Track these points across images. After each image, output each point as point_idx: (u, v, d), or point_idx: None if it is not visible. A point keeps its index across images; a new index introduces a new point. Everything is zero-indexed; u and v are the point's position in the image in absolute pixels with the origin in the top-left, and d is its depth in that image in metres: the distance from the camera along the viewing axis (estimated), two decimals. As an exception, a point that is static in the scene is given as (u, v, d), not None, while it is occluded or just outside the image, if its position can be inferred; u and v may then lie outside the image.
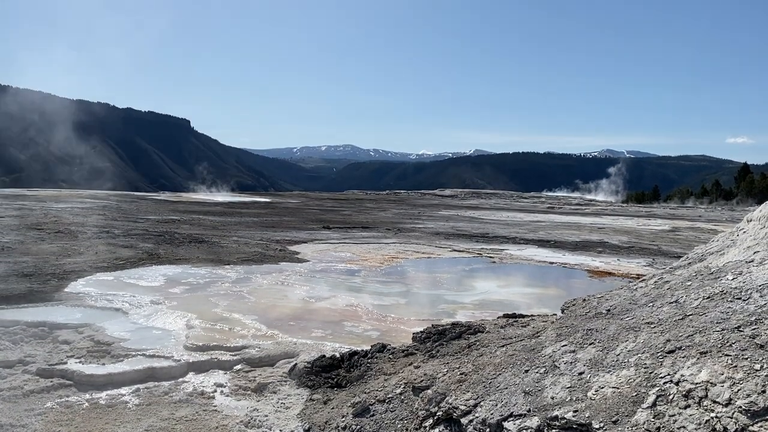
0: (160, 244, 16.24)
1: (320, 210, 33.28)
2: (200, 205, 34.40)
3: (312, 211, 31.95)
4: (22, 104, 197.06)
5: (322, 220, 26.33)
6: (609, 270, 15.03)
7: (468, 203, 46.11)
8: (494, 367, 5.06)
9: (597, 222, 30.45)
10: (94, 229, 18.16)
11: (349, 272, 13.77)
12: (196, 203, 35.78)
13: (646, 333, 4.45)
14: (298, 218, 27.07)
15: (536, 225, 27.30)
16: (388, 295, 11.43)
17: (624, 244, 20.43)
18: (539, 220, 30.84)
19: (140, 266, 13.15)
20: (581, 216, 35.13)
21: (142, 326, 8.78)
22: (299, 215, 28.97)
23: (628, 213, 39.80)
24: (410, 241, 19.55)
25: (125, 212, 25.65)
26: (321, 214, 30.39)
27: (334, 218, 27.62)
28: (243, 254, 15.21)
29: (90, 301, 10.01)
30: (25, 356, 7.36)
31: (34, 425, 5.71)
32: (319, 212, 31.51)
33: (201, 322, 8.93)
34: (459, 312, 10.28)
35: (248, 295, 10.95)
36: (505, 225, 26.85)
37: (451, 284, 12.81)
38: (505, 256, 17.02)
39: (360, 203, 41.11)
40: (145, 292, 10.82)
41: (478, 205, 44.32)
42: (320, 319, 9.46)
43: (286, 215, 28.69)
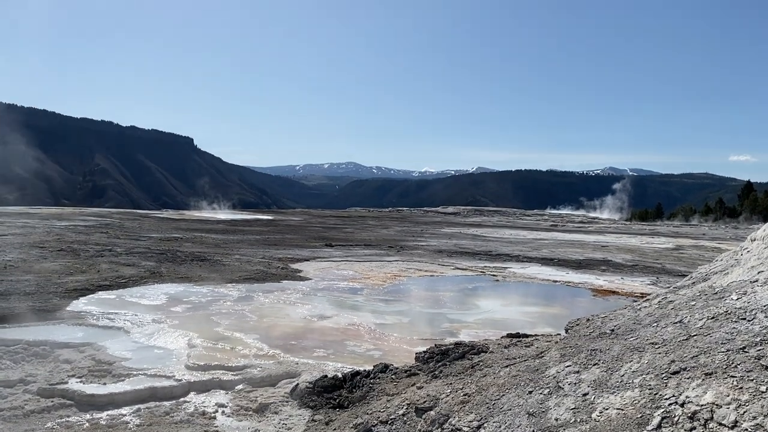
0: (162, 262, 16.24)
1: (323, 227, 33.29)
2: (203, 222, 34.45)
3: (314, 229, 31.96)
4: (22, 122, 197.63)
5: (325, 237, 26.32)
6: (613, 288, 14.98)
7: (471, 221, 46.10)
8: (498, 388, 5.03)
9: (600, 240, 30.40)
10: (96, 247, 18.18)
11: (352, 291, 13.74)
12: (199, 221, 35.83)
13: (651, 353, 4.42)
14: (300, 236, 27.07)
15: (539, 243, 27.26)
16: (391, 314, 11.40)
17: (628, 262, 20.37)
18: (542, 237, 30.79)
19: (142, 285, 13.15)
20: (585, 234, 35.08)
21: (143, 345, 8.76)
22: (302, 233, 28.98)
23: (632, 231, 39.74)
24: (413, 259, 19.53)
25: (128, 230, 25.69)
26: (323, 231, 30.39)
27: (337, 236, 27.62)
28: (245, 272, 15.20)
29: (92, 319, 9.99)
30: (27, 375, 7.34)
31: (34, 446, 5.68)
32: (322, 230, 31.52)
33: (203, 341, 8.91)
34: (462, 331, 10.24)
35: (250, 313, 10.92)
36: (509, 243, 26.81)
37: (454, 303, 12.77)
38: (508, 274, 16.98)
39: (362, 221, 41.13)
40: (147, 310, 10.80)
41: (481, 222, 44.30)
42: (322, 339, 9.43)
43: (288, 233, 28.71)
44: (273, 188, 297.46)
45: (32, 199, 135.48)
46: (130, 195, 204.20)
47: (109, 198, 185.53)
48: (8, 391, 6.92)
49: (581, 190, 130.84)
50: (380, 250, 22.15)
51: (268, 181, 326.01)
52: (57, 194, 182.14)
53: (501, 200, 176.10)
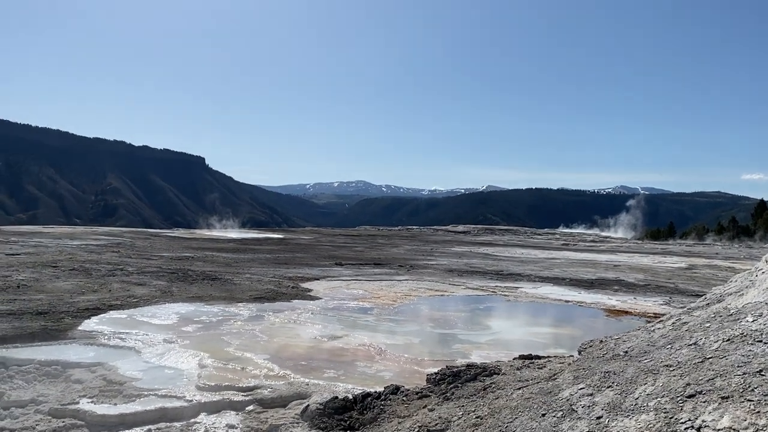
0: (173, 281, 16.30)
1: (332, 246, 33.32)
2: (214, 241, 34.58)
3: (324, 248, 31.99)
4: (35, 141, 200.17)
5: (335, 256, 26.34)
6: (626, 309, 14.85)
7: (481, 239, 45.98)
8: (510, 411, 4.99)
9: (612, 259, 30.21)
10: (108, 267, 18.29)
11: (362, 310, 13.70)
12: (210, 240, 35.97)
13: (665, 376, 4.38)
14: (310, 255, 27.10)
15: (551, 262, 27.12)
16: (402, 334, 11.34)
17: (640, 281, 20.22)
18: (554, 257, 30.64)
19: (153, 304, 13.18)
20: (596, 253, 34.88)
21: (154, 365, 8.76)
22: (312, 251, 29.01)
23: (644, 250, 39.47)
24: (423, 278, 19.48)
25: (139, 249, 25.83)
26: (333, 250, 30.41)
27: (347, 255, 27.62)
28: (256, 291, 15.21)
29: (103, 339, 10.02)
30: (38, 396, 7.36)
31: (45, 467, 5.68)
32: (332, 248, 31.54)
33: (213, 361, 8.90)
34: (474, 352, 10.17)
35: (261, 333, 10.92)
36: (520, 262, 26.69)
37: (465, 323, 12.69)
38: (520, 294, 16.88)
39: (372, 239, 41.13)
40: (158, 330, 10.82)
41: (491, 241, 44.16)
42: (332, 359, 9.40)
43: (298, 252, 28.75)
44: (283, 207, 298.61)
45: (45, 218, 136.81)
46: (142, 214, 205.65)
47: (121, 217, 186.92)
48: (20, 411, 6.94)
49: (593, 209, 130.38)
50: (390, 269, 22.12)
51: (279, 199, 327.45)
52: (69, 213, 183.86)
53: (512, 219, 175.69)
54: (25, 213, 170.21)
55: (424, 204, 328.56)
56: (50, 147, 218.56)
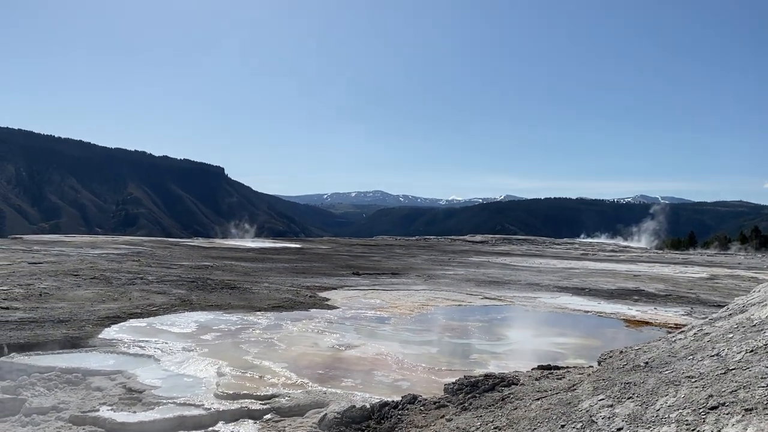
0: (192, 290, 16.42)
1: (350, 256, 33.35)
2: (233, 251, 34.79)
3: (342, 257, 32.03)
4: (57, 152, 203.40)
5: (352, 266, 26.35)
6: (646, 319, 14.67)
7: (499, 249, 45.76)
8: (529, 422, 4.95)
9: (632, 269, 29.88)
10: (128, 275, 18.47)
11: (379, 320, 13.68)
12: (229, 249, 36.20)
13: (687, 387, 4.32)
14: (328, 264, 27.15)
15: (570, 272, 26.91)
16: (419, 344, 11.31)
17: (661, 292, 19.96)
18: (573, 266, 30.39)
19: (173, 312, 13.28)
20: (616, 263, 34.54)
21: (173, 373, 8.82)
22: (329, 261, 29.06)
23: (664, 260, 39.01)
24: (440, 287, 19.41)
25: (159, 258, 26.07)
26: (350, 260, 30.44)
27: (364, 264, 27.63)
28: (274, 300, 15.27)
29: (123, 347, 10.11)
30: (59, 403, 7.44)
31: (66, 474, 5.72)
32: (349, 258, 31.58)
33: (231, 369, 8.94)
34: (491, 362, 10.10)
35: (278, 342, 10.94)
36: (538, 272, 26.51)
37: (483, 333, 12.62)
38: (538, 304, 16.76)
39: (389, 249, 41.12)
40: (177, 338, 10.90)
41: (509, 251, 43.93)
42: (350, 368, 9.38)
43: (316, 261, 28.82)
44: (301, 216, 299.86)
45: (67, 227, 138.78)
46: (162, 223, 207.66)
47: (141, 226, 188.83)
48: (41, 418, 7.02)
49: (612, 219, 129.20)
50: (407, 278, 22.09)
51: (297, 209, 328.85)
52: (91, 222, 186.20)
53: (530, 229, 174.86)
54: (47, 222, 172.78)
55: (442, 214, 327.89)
56: (72, 157, 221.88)
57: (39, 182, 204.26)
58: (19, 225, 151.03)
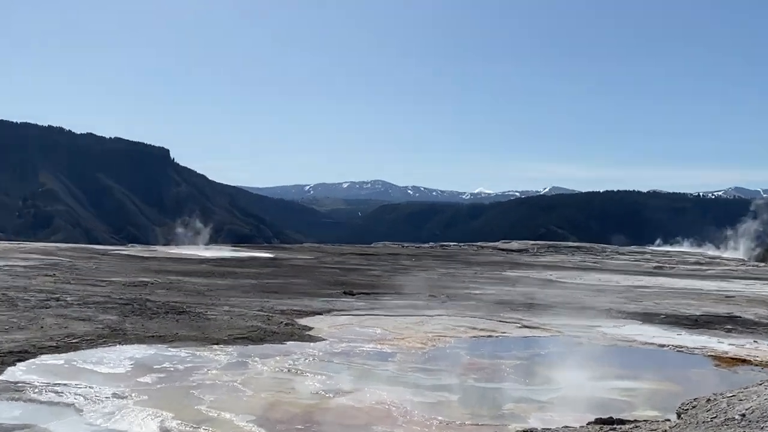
0: (126, 315, 16.44)
1: (340, 269, 33.38)
2: (181, 262, 34.84)
3: (329, 271, 32.07)
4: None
5: (343, 282, 26.38)
6: (742, 356, 14.69)
7: (543, 261, 45.80)
8: (583, 495, 4.96)
9: (724, 288, 29.89)
10: (39, 296, 18.50)
11: (380, 356, 13.72)
12: (176, 260, 36.26)
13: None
14: (310, 280, 27.19)
15: (639, 292, 26.92)
16: (433, 390, 11.33)
17: (763, 319, 19.98)
18: (643, 284, 30.41)
19: (100, 346, 13.30)
20: (702, 279, 34.56)
21: (100, 428, 8.84)
22: (312, 276, 29.09)
23: (767, 276, 39.02)
24: (464, 312, 19.43)
25: (81, 272, 26.11)
26: (341, 274, 30.47)
27: (360, 280, 27.67)
28: (237, 330, 15.30)
29: (32, 393, 10.13)
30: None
31: None
32: (339, 272, 31.60)
33: (179, 423, 8.96)
34: (532, 414, 10.12)
35: (243, 386, 10.97)
36: (596, 291, 26.53)
37: (521, 375, 12.65)
38: (595, 335, 16.77)
39: (394, 260, 41.15)
40: (106, 381, 10.92)
41: (557, 263, 43.97)
42: (340, 422, 9.42)
43: (294, 276, 28.85)
44: (274, 215, 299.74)
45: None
46: (84, 225, 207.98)
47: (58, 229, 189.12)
48: None
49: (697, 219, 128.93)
50: (418, 300, 22.10)
51: (268, 205, 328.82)
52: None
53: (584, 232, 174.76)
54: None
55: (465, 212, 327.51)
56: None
57: None
58: None
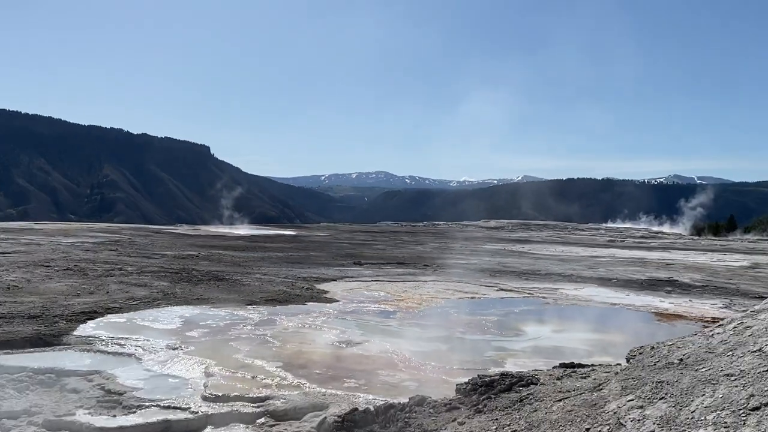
0: (176, 282, 16.49)
1: (351, 244, 33.43)
2: (220, 239, 34.89)
3: (342, 245, 32.11)
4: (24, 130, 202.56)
5: (353, 255, 26.42)
6: (680, 312, 14.69)
7: (516, 236, 45.78)
8: (550, 425, 4.97)
9: (665, 257, 29.89)
10: (105, 266, 18.55)
11: (384, 314, 13.74)
12: (216, 237, 36.31)
13: (726, 386, 4.33)
14: (326, 253, 27.23)
15: (595, 261, 26.94)
16: (428, 341, 11.35)
17: (696, 282, 19.97)
18: (599, 255, 30.43)
19: (155, 307, 13.35)
20: (646, 250, 34.54)
21: (156, 374, 8.88)
22: (328, 250, 29.14)
23: (701, 247, 38.98)
24: (452, 278, 19.46)
25: (139, 247, 26.16)
26: (351, 248, 30.51)
27: (366, 253, 27.70)
28: (266, 293, 15.33)
29: (100, 345, 10.18)
30: (31, 406, 7.50)
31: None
32: (350, 246, 31.64)
33: (221, 369, 9.00)
34: (508, 360, 10.15)
35: (272, 339, 11.00)
36: (560, 261, 26.54)
37: (499, 328, 12.67)
38: (560, 296, 16.79)
39: (395, 236, 41.18)
40: (160, 335, 10.96)
41: (527, 238, 43.97)
42: (351, 368, 9.44)
43: (313, 250, 28.90)
44: (296, 200, 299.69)
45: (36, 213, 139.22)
46: (141, 209, 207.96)
47: (119, 212, 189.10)
48: (12, 423, 7.08)
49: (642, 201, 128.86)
50: (415, 268, 22.14)
51: (291, 192, 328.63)
52: (63, 208, 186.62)
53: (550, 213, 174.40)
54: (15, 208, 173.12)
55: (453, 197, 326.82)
56: (41, 136, 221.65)
57: (5, 164, 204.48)
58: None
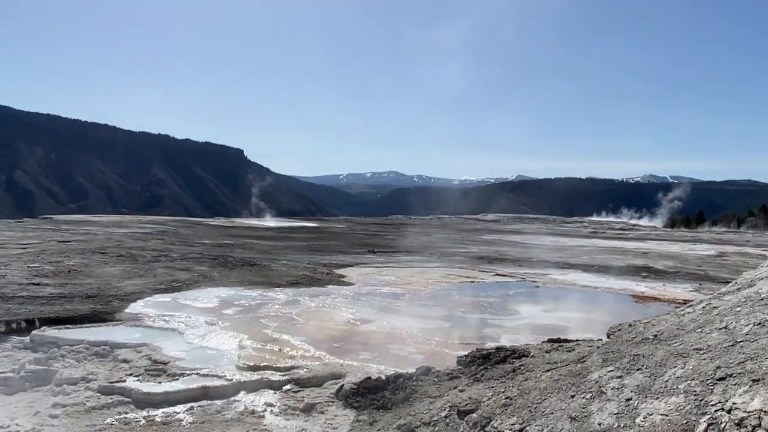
0: (214, 267, 16.54)
1: (365, 234, 33.40)
2: (252, 229, 34.98)
3: (357, 236, 32.08)
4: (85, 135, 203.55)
5: (367, 244, 26.39)
6: (654, 295, 14.57)
7: (511, 228, 45.56)
8: (540, 392, 4.94)
9: (641, 247, 29.63)
10: (153, 253, 18.64)
11: (394, 296, 13.72)
12: (248, 228, 36.40)
13: (695, 359, 4.27)
14: (344, 242, 27.22)
15: (580, 250, 26.75)
16: (432, 319, 11.33)
17: (669, 269, 19.79)
18: (583, 244, 30.21)
19: (196, 288, 13.41)
20: (625, 241, 34.27)
21: (196, 346, 8.92)
22: (345, 239, 29.13)
23: (673, 238, 38.64)
24: (454, 265, 19.39)
25: (182, 237, 26.27)
26: (366, 238, 30.48)
27: (379, 242, 27.66)
28: (292, 277, 15.35)
29: (148, 321, 10.24)
30: (88, 374, 7.56)
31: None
32: (364, 237, 31.62)
33: (252, 342, 9.02)
34: (503, 336, 10.11)
35: (297, 316, 11.02)
36: (549, 250, 26.37)
37: (495, 308, 12.62)
38: (548, 280, 16.70)
39: (404, 228, 41.10)
40: (200, 313, 11.01)
41: (521, 229, 43.74)
42: (365, 342, 9.44)
43: (332, 239, 28.89)
44: (318, 197, 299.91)
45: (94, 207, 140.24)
46: (184, 204, 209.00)
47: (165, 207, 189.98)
48: (71, 388, 7.14)
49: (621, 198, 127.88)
50: (421, 256, 22.08)
51: (314, 189, 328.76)
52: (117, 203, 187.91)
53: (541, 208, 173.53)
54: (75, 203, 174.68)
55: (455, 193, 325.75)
56: (99, 140, 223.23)
57: (67, 165, 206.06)
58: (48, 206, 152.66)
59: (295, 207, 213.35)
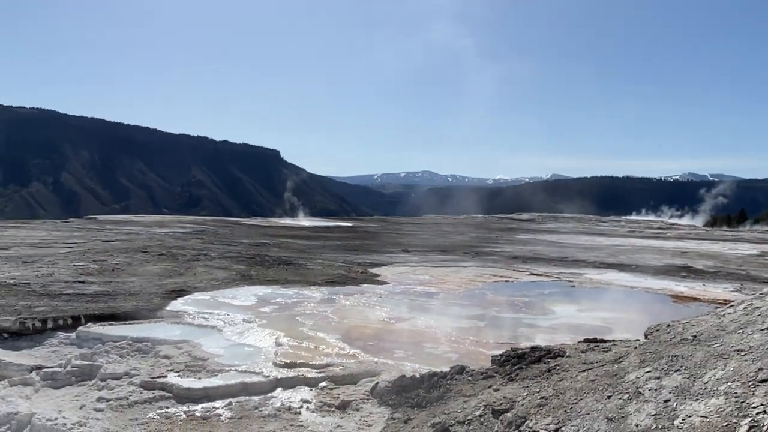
0: (252, 266, 16.75)
1: (399, 234, 33.38)
2: (288, 229, 35.31)
3: (391, 235, 32.09)
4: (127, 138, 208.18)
5: (401, 243, 26.37)
6: (694, 295, 14.20)
7: (546, 227, 44.97)
8: (575, 392, 4.87)
9: (680, 246, 28.91)
10: (193, 252, 18.98)
11: (428, 295, 13.69)
12: (284, 228, 36.76)
13: (736, 361, 4.16)
14: (378, 242, 27.26)
15: (616, 249, 26.25)
16: (467, 318, 11.27)
17: (709, 268, 19.26)
18: (619, 244, 29.63)
19: (234, 286, 13.60)
20: (663, 240, 33.50)
21: (235, 343, 9.06)
22: (379, 239, 29.16)
23: (713, 237, 37.58)
24: (488, 264, 19.24)
25: (220, 236, 26.68)
26: (400, 237, 30.45)
27: (413, 242, 27.60)
28: (327, 276, 15.44)
29: (188, 318, 10.44)
30: (131, 369, 7.75)
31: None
32: (398, 236, 31.59)
33: (289, 340, 9.11)
34: (538, 336, 9.99)
35: (332, 315, 11.09)
36: (584, 249, 25.95)
37: (530, 308, 12.48)
38: (584, 280, 16.43)
39: (438, 227, 40.94)
40: (238, 310, 11.17)
41: (556, 229, 43.14)
42: (400, 340, 9.44)
43: (367, 239, 28.96)
44: (352, 196, 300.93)
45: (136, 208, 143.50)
46: (223, 204, 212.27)
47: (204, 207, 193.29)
48: (115, 383, 7.33)
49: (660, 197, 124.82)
50: (455, 255, 21.97)
51: (348, 189, 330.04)
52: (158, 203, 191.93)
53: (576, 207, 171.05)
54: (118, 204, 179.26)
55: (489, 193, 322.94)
56: (140, 143, 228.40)
57: (110, 167, 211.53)
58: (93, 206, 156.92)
59: (330, 206, 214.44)
